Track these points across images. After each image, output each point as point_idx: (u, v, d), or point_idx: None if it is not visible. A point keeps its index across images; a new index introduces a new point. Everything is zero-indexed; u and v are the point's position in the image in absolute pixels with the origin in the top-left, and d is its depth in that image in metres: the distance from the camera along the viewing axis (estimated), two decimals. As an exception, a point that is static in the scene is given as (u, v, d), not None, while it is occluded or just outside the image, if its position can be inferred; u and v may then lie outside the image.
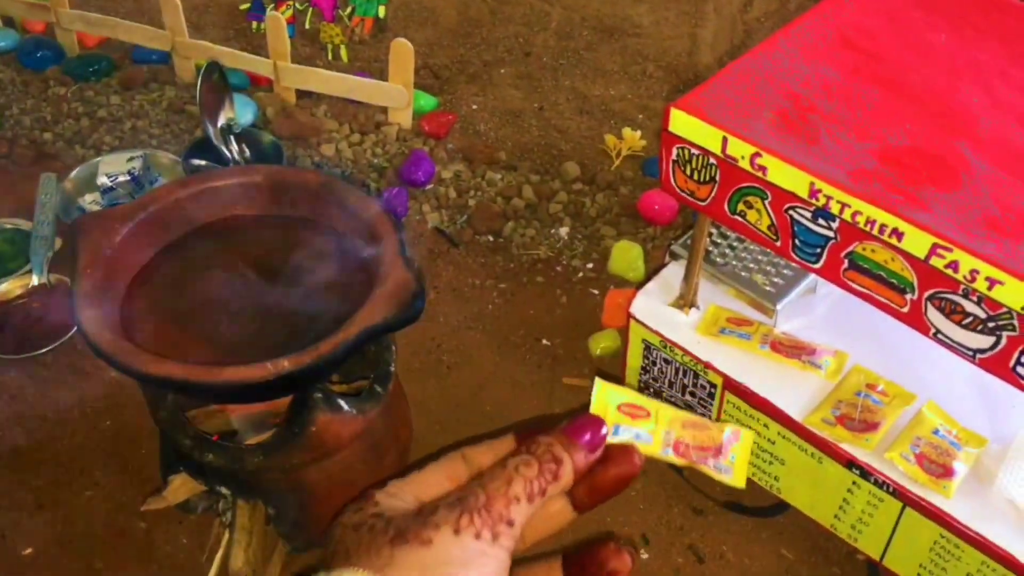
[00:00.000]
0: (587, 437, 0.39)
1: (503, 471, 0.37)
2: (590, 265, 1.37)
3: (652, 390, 1.09)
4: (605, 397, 0.41)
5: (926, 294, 0.78)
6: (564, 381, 1.23)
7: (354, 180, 1.41)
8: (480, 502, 0.36)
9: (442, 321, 1.30)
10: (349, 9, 1.69)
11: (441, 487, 0.39)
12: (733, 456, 0.42)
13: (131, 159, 1.40)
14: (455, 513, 0.36)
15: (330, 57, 1.66)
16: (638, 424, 0.41)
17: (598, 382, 0.42)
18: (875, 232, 0.78)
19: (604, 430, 0.40)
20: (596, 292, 1.34)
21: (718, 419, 1.03)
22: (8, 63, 1.65)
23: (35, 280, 1.26)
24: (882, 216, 0.77)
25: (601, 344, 1.25)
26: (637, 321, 1.04)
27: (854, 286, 0.83)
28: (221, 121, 1.25)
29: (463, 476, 0.39)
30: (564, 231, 1.41)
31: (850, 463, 0.93)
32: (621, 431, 0.41)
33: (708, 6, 1.82)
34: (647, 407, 0.41)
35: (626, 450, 0.40)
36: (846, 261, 0.82)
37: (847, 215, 0.79)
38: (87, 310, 0.82)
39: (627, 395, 0.41)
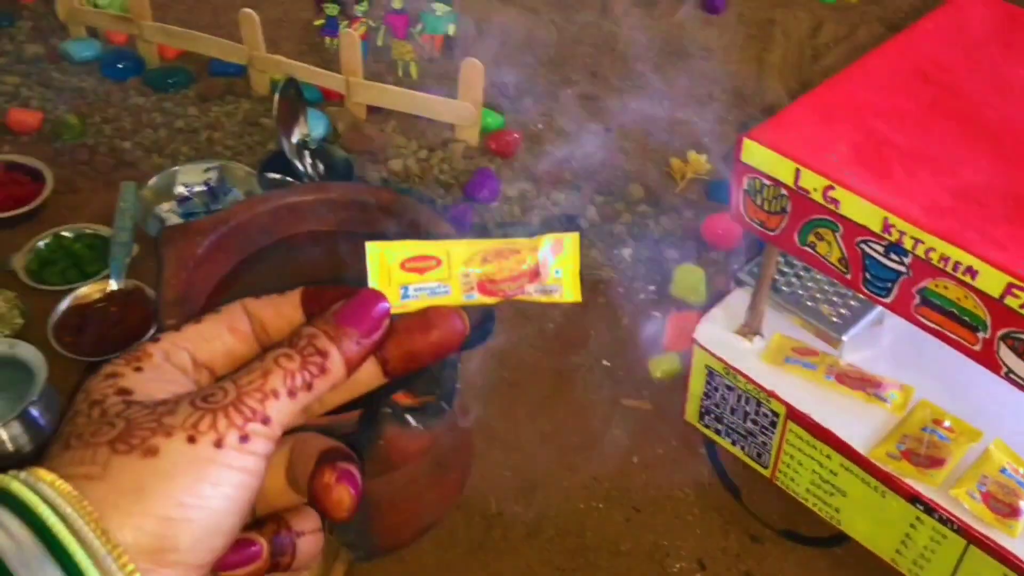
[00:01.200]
0: (360, 320, 0.34)
1: (260, 363, 0.33)
2: (652, 287, 1.38)
3: (713, 415, 1.09)
4: (382, 260, 0.35)
5: (999, 333, 0.78)
6: (623, 403, 1.24)
7: (423, 198, 1.44)
8: (228, 398, 0.31)
9: (504, 339, 1.32)
10: (420, 27, 1.72)
11: (222, 341, 0.35)
12: (558, 271, 0.36)
13: (207, 170, 1.44)
14: (194, 415, 0.31)
15: (400, 74, 1.69)
16: (428, 277, 0.35)
17: (369, 246, 0.36)
18: (948, 269, 0.78)
19: (382, 307, 0.35)
20: (658, 314, 1.34)
21: (779, 448, 1.03)
22: (91, 72, 1.71)
23: (113, 285, 1.30)
24: (956, 253, 0.77)
25: (662, 367, 1.25)
26: (701, 347, 1.04)
27: (925, 322, 0.83)
28: (296, 136, 1.29)
29: (245, 328, 0.36)
30: (627, 252, 1.42)
31: (914, 498, 0.92)
32: (411, 292, 0.35)
33: (776, 30, 1.82)
34: (436, 254, 0.35)
35: (447, 313, 0.35)
36: (918, 297, 0.82)
37: (920, 251, 0.79)
38: (170, 320, 0.85)
39: (409, 248, 0.35)
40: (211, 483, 0.30)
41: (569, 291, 0.36)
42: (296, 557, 0.35)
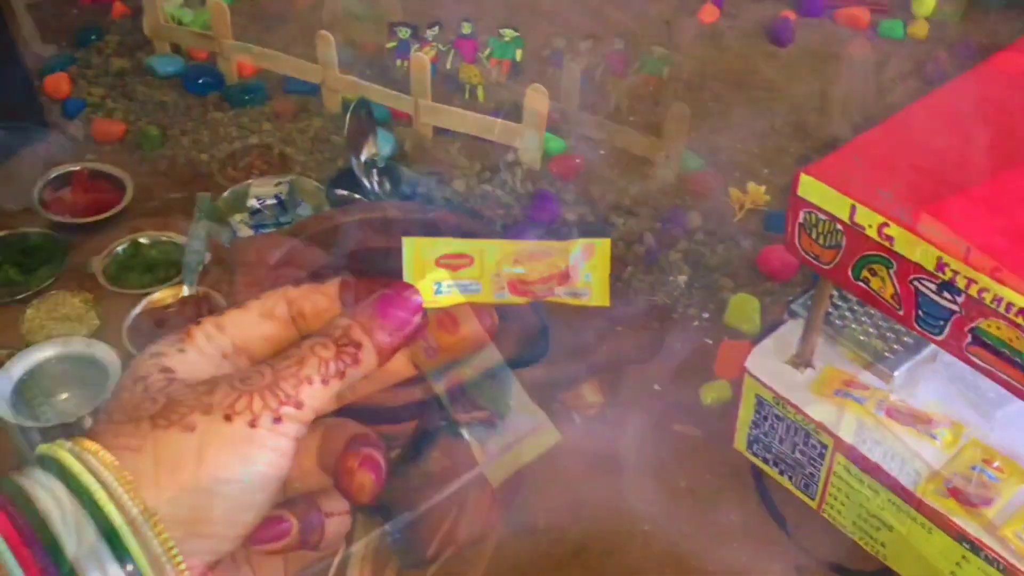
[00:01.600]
0: (393, 314, 0.35)
1: (296, 350, 0.34)
2: (706, 315, 1.39)
3: (762, 444, 1.10)
4: (418, 254, 0.36)
5: (1050, 375, 0.78)
6: (674, 428, 1.25)
7: (485, 219, 1.48)
8: (264, 381, 0.33)
9: (556, 359, 1.34)
10: (488, 51, 1.77)
11: (260, 327, 0.36)
12: (588, 275, 0.37)
13: (278, 184, 1.50)
14: (232, 395, 0.32)
15: (467, 97, 1.73)
16: (461, 275, 0.36)
17: (406, 241, 0.36)
18: (1001, 310, 0.78)
19: (415, 301, 0.36)
20: (710, 342, 1.36)
21: (827, 480, 1.04)
22: (173, 87, 1.78)
23: (186, 291, 1.36)
24: (1008, 294, 0.77)
25: (712, 394, 1.27)
26: (752, 376, 1.06)
27: (976, 361, 0.83)
28: (365, 155, 1.33)
29: (284, 316, 0.37)
30: (682, 280, 1.44)
31: (961, 536, 0.92)
32: (444, 288, 0.36)
33: (842, 64, 1.83)
34: (470, 252, 0.36)
35: (477, 311, 0.36)
36: (969, 336, 0.83)
37: (973, 291, 0.80)
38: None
39: (444, 245, 0.36)
40: (244, 460, 0.32)
41: (598, 295, 0.37)
42: (324, 537, 0.37)
